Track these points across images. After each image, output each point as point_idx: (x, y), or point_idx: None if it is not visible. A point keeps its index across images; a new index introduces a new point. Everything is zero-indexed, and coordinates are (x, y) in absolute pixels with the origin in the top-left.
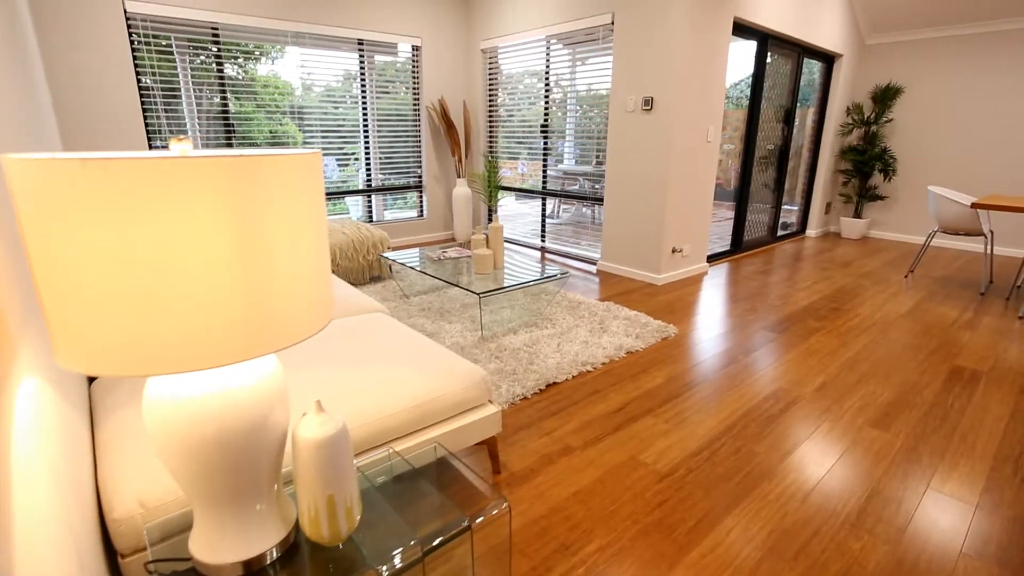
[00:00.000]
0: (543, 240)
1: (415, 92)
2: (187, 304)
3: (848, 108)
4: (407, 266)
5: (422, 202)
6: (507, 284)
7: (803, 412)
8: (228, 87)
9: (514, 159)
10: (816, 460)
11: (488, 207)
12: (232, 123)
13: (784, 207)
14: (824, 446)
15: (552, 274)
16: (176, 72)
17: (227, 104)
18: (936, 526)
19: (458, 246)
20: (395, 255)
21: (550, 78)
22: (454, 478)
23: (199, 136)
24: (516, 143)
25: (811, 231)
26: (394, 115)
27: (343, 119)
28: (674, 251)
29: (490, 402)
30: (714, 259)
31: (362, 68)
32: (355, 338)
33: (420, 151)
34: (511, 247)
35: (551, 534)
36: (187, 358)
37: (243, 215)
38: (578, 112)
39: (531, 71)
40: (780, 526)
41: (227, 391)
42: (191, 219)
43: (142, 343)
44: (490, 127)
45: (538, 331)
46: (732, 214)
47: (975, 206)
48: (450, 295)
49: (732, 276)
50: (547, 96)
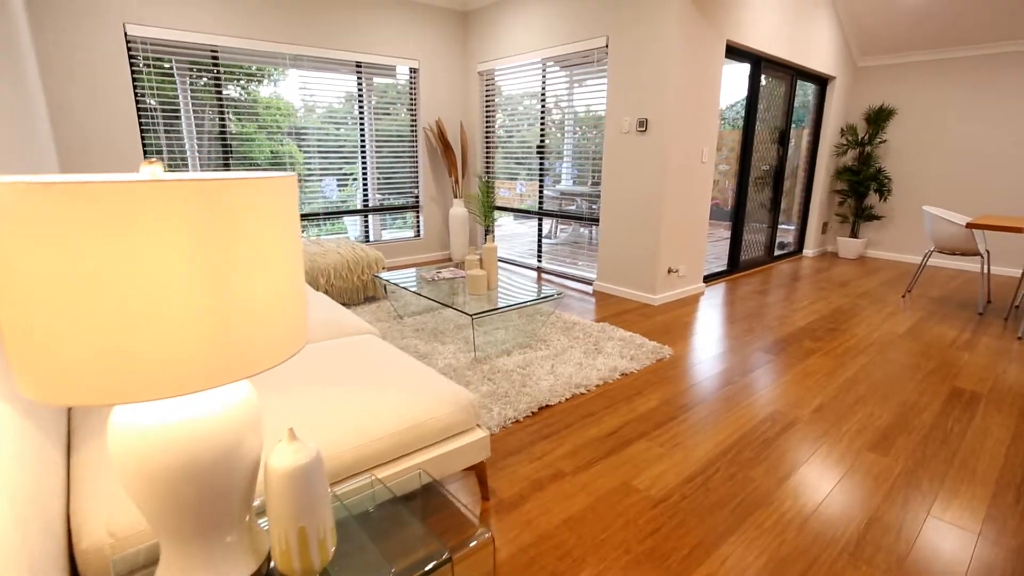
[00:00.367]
0: (539, 260)
1: (412, 113)
2: (150, 331)
3: (842, 129)
4: (400, 286)
5: (419, 222)
6: (501, 305)
7: (800, 435)
8: (231, 108)
9: (513, 179)
10: (814, 485)
11: (484, 227)
12: (230, 144)
13: (781, 227)
14: (822, 471)
15: (545, 295)
16: (176, 94)
17: (225, 125)
18: (938, 556)
19: (453, 266)
20: (390, 275)
21: (547, 100)
22: (439, 506)
23: (198, 157)
24: (515, 163)
25: (808, 251)
26: (392, 136)
27: (344, 140)
28: (670, 271)
29: (478, 426)
30: (711, 279)
31: (360, 90)
32: (342, 360)
33: (417, 172)
34: (508, 267)
35: (540, 564)
36: (151, 387)
37: (210, 239)
38: (577, 133)
39: (528, 93)
40: (777, 555)
41: (195, 419)
42: (155, 244)
43: (103, 371)
44: (487, 148)
45: (532, 352)
46: (729, 234)
47: (970, 226)
48: (444, 316)
49: (729, 296)
50: (543, 117)
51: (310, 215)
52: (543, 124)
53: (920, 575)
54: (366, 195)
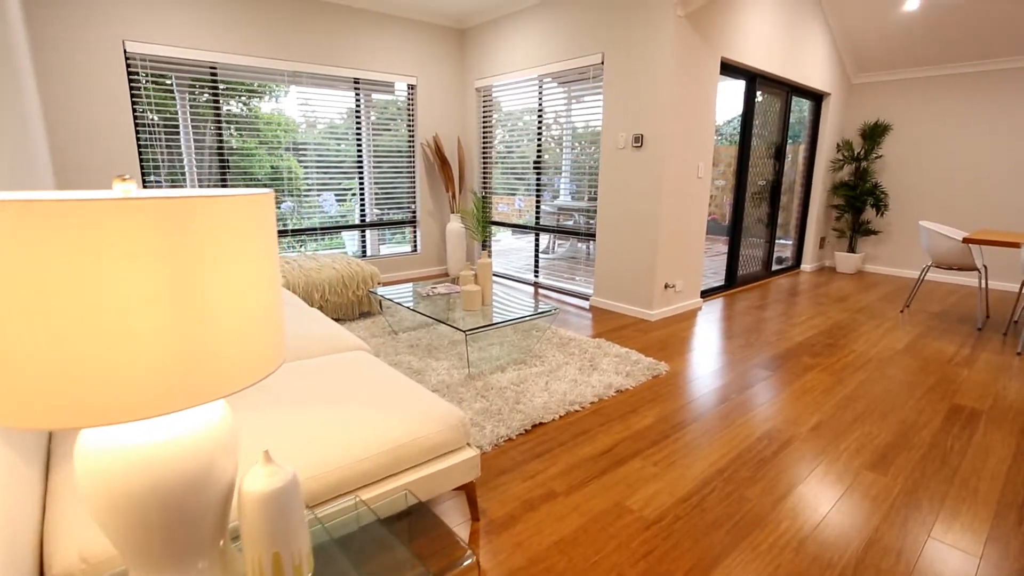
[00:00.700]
0: (536, 276)
1: (410, 129)
2: (115, 353)
3: (838, 144)
4: (395, 302)
5: (416, 237)
6: (496, 321)
7: (798, 454)
8: (233, 124)
9: (512, 194)
10: (811, 506)
11: (479, 242)
12: (227, 159)
13: (779, 242)
14: (819, 490)
15: (540, 311)
16: (175, 110)
17: (222, 140)
18: None
19: (448, 282)
20: (386, 290)
21: (544, 115)
22: (426, 528)
23: (196, 172)
24: (516, 179)
25: (806, 265)
26: (390, 152)
27: (343, 155)
28: (667, 287)
29: (468, 445)
30: (708, 294)
31: (358, 106)
32: (330, 378)
33: (415, 187)
34: (505, 283)
35: None
36: (115, 410)
37: (179, 258)
38: (576, 148)
39: (525, 108)
40: None
41: (164, 441)
42: (121, 263)
43: (65, 394)
44: (484, 163)
45: (527, 369)
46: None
47: (967, 241)
48: (439, 331)
49: (726, 311)
50: (540, 133)
51: (308, 230)
52: (540, 140)
53: None
54: (363, 210)
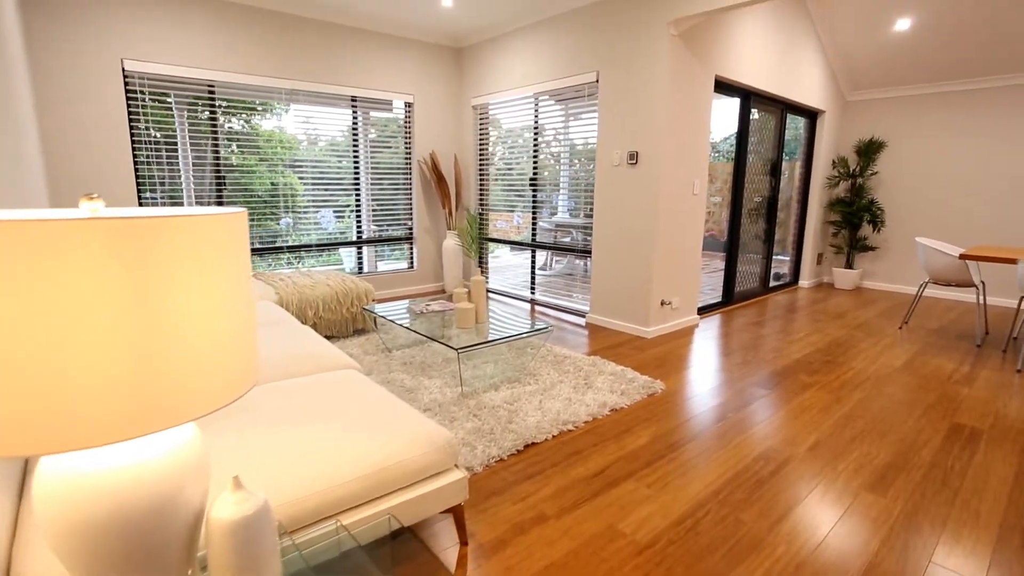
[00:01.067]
0: (533, 292)
1: (407, 146)
2: (70, 378)
3: (834, 161)
4: (388, 319)
5: (412, 254)
6: (490, 338)
7: (795, 475)
8: (234, 140)
9: (510, 211)
10: (809, 529)
11: (475, 259)
12: (224, 176)
13: (777, 258)
14: (817, 513)
15: (534, 328)
16: (174, 127)
17: (219, 157)
18: None
19: (443, 299)
20: (381, 307)
21: (539, 133)
22: (410, 553)
23: (193, 189)
24: (516, 196)
25: (804, 282)
26: (388, 168)
27: (343, 172)
28: (663, 303)
29: (456, 467)
30: (705, 311)
31: (355, 123)
32: (316, 397)
33: (411, 204)
34: (502, 300)
35: None
36: (70, 437)
37: (141, 279)
38: (575, 165)
39: (521, 126)
40: None
41: (128, 467)
42: (80, 285)
43: (16, 421)
44: (480, 180)
45: (520, 387)
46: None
47: (963, 257)
48: (433, 349)
49: (723, 328)
50: (535, 150)
51: (306, 246)
52: (536, 156)
53: None
54: (360, 226)
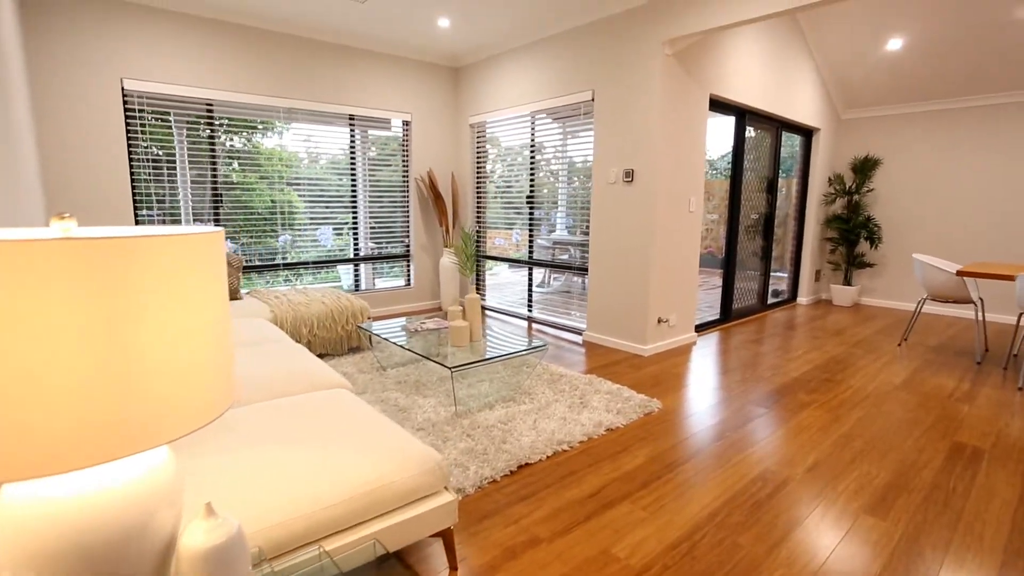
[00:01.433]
0: (530, 310)
1: (404, 164)
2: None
3: (830, 178)
4: (382, 337)
5: (409, 271)
6: (485, 356)
7: (794, 496)
8: (235, 158)
9: (509, 228)
10: (808, 553)
11: (470, 277)
12: (220, 194)
13: (775, 275)
14: (816, 536)
15: (529, 347)
16: (173, 145)
17: (216, 175)
18: None
19: (437, 317)
20: (377, 325)
21: (536, 151)
22: None
23: (191, 207)
24: (515, 212)
25: (802, 299)
26: (385, 186)
27: (341, 189)
28: (660, 321)
29: (446, 489)
30: (703, 328)
31: (353, 142)
32: (304, 417)
33: (409, 221)
34: (499, 317)
35: None
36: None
37: (108, 302)
38: (575, 183)
39: (519, 144)
40: None
41: (95, 493)
42: (46, 307)
43: None
44: (478, 198)
45: (515, 406)
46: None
47: (960, 274)
48: (428, 367)
49: (721, 346)
50: (532, 168)
51: (303, 263)
52: (532, 174)
53: None
54: (357, 244)
